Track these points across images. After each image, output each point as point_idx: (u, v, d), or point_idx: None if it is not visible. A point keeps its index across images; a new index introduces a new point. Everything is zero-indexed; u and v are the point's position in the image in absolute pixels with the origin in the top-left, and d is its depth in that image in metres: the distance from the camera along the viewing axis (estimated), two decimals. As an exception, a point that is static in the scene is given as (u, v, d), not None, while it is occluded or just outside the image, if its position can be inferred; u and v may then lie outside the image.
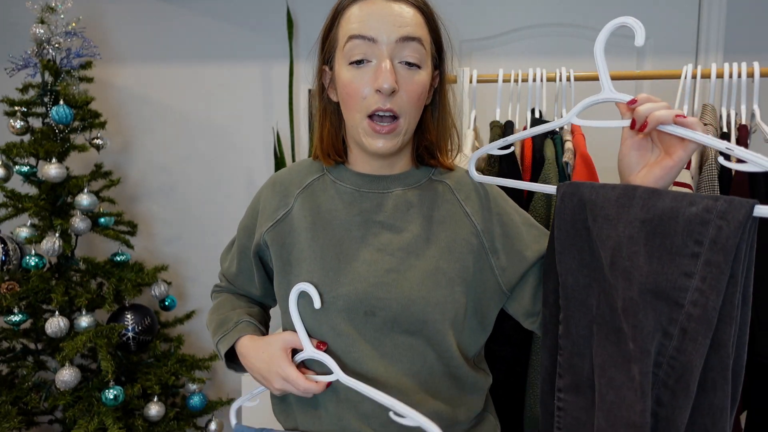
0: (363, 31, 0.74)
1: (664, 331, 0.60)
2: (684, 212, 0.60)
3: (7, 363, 1.82)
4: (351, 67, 0.76)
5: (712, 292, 0.57)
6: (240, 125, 2.16)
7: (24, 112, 1.79)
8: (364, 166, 0.85)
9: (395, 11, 0.75)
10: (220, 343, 0.89)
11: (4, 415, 1.62)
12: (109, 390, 1.62)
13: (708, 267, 0.58)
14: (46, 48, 1.78)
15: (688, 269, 0.59)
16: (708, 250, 0.58)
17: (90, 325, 1.69)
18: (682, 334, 0.59)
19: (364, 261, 0.79)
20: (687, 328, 0.58)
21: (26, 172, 1.76)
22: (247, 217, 0.93)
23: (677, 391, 0.59)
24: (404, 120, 0.77)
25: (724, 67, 1.27)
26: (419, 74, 0.77)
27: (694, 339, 0.58)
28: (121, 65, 2.20)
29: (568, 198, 0.71)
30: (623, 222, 0.64)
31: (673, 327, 0.59)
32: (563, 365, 0.70)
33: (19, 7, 2.19)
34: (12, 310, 1.66)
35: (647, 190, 0.64)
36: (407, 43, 0.75)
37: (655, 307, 0.60)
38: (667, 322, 0.59)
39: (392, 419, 0.77)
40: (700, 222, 0.59)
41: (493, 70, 1.39)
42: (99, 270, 1.83)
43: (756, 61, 1.27)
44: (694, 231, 0.59)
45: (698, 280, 0.58)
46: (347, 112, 0.79)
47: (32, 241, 1.71)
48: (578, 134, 1.34)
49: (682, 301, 0.59)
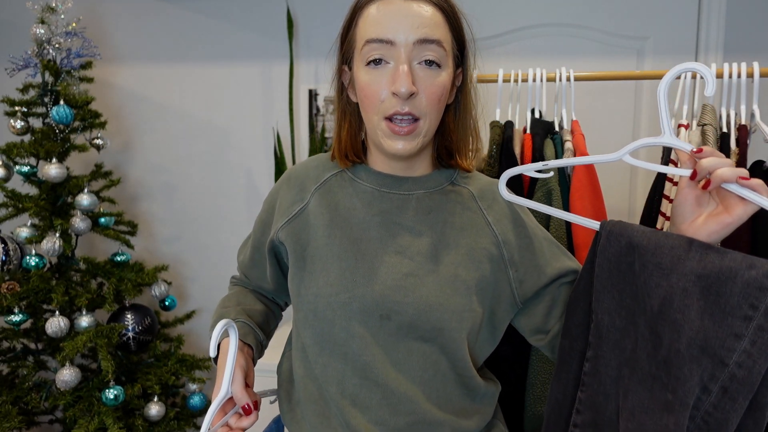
0: (380, 34, 0.73)
1: (704, 386, 0.60)
2: (743, 274, 0.60)
3: (8, 363, 1.83)
4: (368, 68, 0.75)
5: (760, 357, 0.58)
6: (240, 125, 2.16)
7: (24, 112, 1.79)
8: (383, 167, 0.84)
9: (413, 11, 0.73)
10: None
11: (4, 415, 1.62)
12: (110, 390, 1.62)
13: (760, 332, 0.58)
14: (46, 48, 1.78)
15: (739, 331, 0.59)
16: (762, 316, 0.58)
17: (90, 325, 1.69)
18: (722, 392, 0.59)
19: (383, 263, 0.78)
20: (728, 387, 0.59)
21: (26, 172, 1.76)
22: (264, 212, 0.92)
23: None
24: (424, 122, 0.75)
25: (724, 67, 1.27)
26: (439, 75, 0.75)
27: (733, 399, 0.58)
28: (122, 65, 2.20)
29: (614, 238, 0.69)
30: (677, 273, 0.63)
31: (713, 384, 0.59)
32: (584, 402, 0.70)
33: (20, 7, 2.19)
34: (12, 310, 1.66)
35: (704, 245, 0.63)
36: (425, 45, 0.73)
37: (700, 362, 0.60)
38: (708, 378, 0.60)
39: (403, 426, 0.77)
40: (758, 287, 0.59)
41: (493, 70, 1.39)
42: (99, 270, 1.83)
43: (756, 61, 1.27)
44: (750, 295, 0.59)
45: (748, 343, 0.59)
46: (365, 114, 0.78)
47: (32, 241, 1.71)
48: (578, 134, 1.34)
49: (728, 361, 0.59)
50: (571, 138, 1.34)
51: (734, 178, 0.63)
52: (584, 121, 1.51)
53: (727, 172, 0.63)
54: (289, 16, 2.02)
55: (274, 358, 1.37)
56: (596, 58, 1.89)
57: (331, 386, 0.79)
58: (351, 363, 0.77)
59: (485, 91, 1.49)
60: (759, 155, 1.25)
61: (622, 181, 1.92)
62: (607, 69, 1.81)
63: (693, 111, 1.32)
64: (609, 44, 1.89)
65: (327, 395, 0.80)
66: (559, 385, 0.74)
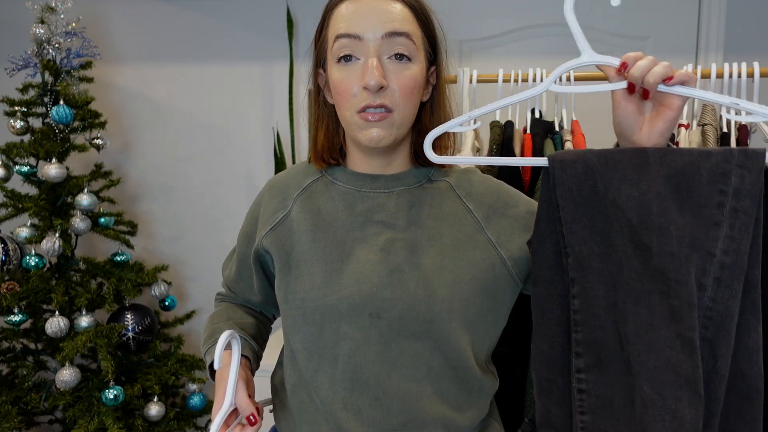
0: (349, 30, 0.74)
1: (699, 283, 0.60)
2: (705, 164, 0.61)
3: (8, 363, 1.82)
4: (339, 65, 0.76)
5: (742, 237, 0.59)
6: (240, 125, 2.16)
7: (24, 112, 1.79)
8: (362, 166, 0.84)
9: (381, 7, 0.74)
10: (207, 355, 0.90)
11: (4, 415, 1.62)
12: (109, 390, 1.62)
13: (735, 214, 0.60)
14: (46, 48, 1.78)
15: (717, 218, 0.60)
16: (732, 199, 0.60)
17: (90, 325, 1.69)
18: (717, 284, 0.59)
19: (368, 261, 0.78)
20: (721, 277, 0.59)
21: (26, 172, 1.76)
22: (247, 224, 0.92)
23: (717, 341, 0.59)
24: (397, 113, 0.76)
25: (724, 67, 1.27)
26: (410, 68, 0.76)
27: (729, 286, 0.59)
28: (121, 65, 2.20)
29: (569, 165, 0.67)
30: (646, 180, 0.63)
31: (706, 278, 0.60)
32: (583, 342, 0.67)
33: (19, 7, 2.19)
34: (12, 310, 1.66)
35: (657, 149, 0.64)
36: (394, 38, 0.74)
37: (691, 259, 0.60)
38: (700, 273, 0.60)
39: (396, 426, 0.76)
40: (721, 173, 0.60)
41: (493, 70, 1.39)
42: (99, 270, 1.83)
43: (756, 61, 1.27)
44: (717, 181, 0.60)
45: (727, 227, 0.60)
46: (340, 111, 0.79)
47: (32, 241, 1.71)
48: (578, 134, 1.34)
49: (714, 251, 0.60)
50: (571, 138, 1.34)
51: (665, 76, 0.63)
52: (584, 122, 1.51)
53: (659, 71, 0.63)
54: (289, 16, 2.02)
55: (271, 357, 1.37)
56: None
57: (322, 391, 0.78)
58: (342, 365, 0.77)
59: (486, 91, 1.49)
60: (759, 155, 1.25)
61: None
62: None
63: (693, 111, 1.32)
64: (609, 44, 1.89)
65: (318, 401, 0.80)
66: (542, 337, 0.70)
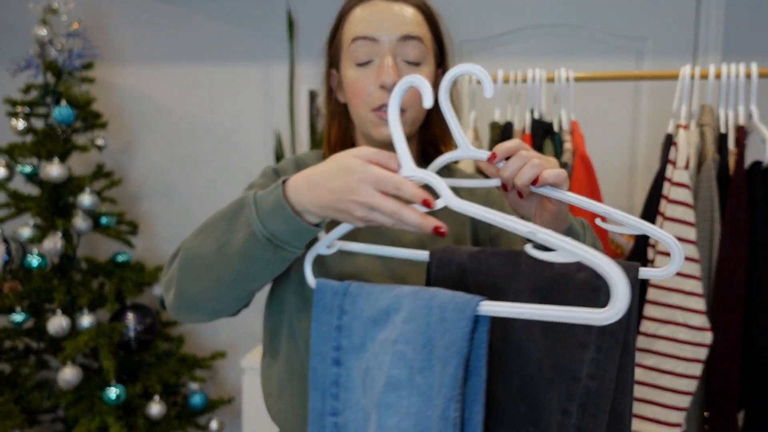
0: (365, 32, 0.77)
1: (564, 409, 0.55)
2: (573, 279, 0.56)
3: (10, 362, 1.83)
4: (356, 67, 0.79)
5: (608, 362, 0.54)
6: (240, 126, 2.17)
7: (26, 113, 1.80)
8: None
9: (395, 11, 0.78)
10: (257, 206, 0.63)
11: (6, 414, 1.63)
12: (111, 389, 1.63)
13: (602, 336, 0.54)
14: (48, 49, 1.79)
15: (584, 339, 0.55)
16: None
17: (92, 325, 1.70)
18: (582, 410, 0.54)
19: (377, 256, 0.80)
20: (586, 403, 0.54)
21: (28, 172, 1.77)
22: (268, 178, 0.83)
23: None
24: (410, 113, 0.79)
25: (722, 67, 1.28)
26: (421, 71, 0.79)
27: (594, 415, 0.54)
28: (123, 66, 2.20)
29: (445, 265, 0.64)
30: (512, 291, 0.59)
31: (571, 404, 0.55)
32: None
33: (21, 8, 2.20)
34: (14, 310, 1.67)
35: (531, 258, 0.59)
36: (408, 42, 0.77)
37: (555, 383, 0.55)
38: (565, 398, 0.55)
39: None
40: (590, 289, 0.55)
41: (492, 70, 1.40)
42: (101, 270, 1.84)
43: (754, 62, 1.27)
44: (585, 297, 0.55)
45: (593, 350, 0.54)
46: (354, 110, 0.81)
47: (34, 241, 1.72)
48: (577, 134, 1.35)
49: (580, 375, 0.54)
50: (570, 138, 1.35)
51: (533, 178, 0.59)
52: (583, 122, 1.52)
53: (526, 175, 0.59)
54: (290, 17, 2.03)
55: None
56: (595, 58, 1.90)
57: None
58: None
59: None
60: (757, 155, 1.25)
61: (621, 180, 1.92)
62: (607, 69, 1.82)
63: (691, 111, 1.33)
64: (608, 45, 1.89)
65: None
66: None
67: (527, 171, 0.59)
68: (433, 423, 0.51)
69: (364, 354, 0.60)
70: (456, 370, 0.49)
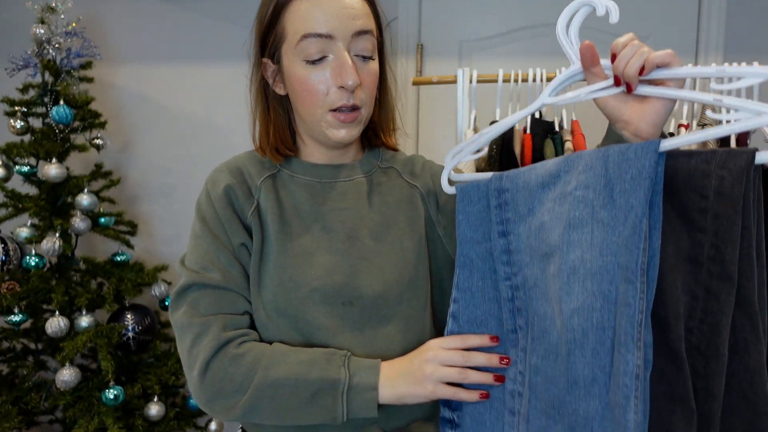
0: (317, 28, 0.73)
1: (692, 293, 0.57)
2: (683, 166, 0.58)
3: (8, 363, 1.83)
4: (307, 65, 0.76)
5: (726, 246, 0.55)
6: (240, 125, 2.16)
7: (24, 112, 1.79)
8: (320, 157, 0.85)
9: (346, 3, 0.75)
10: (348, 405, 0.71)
11: (4, 415, 1.62)
12: (110, 390, 1.62)
13: (717, 220, 0.56)
14: (46, 48, 1.78)
15: (701, 225, 0.57)
16: (714, 203, 0.56)
17: (90, 325, 1.69)
18: (707, 293, 0.56)
19: (337, 251, 0.79)
20: (709, 286, 0.56)
21: (26, 172, 1.76)
22: (212, 210, 0.80)
23: (709, 357, 0.56)
24: (364, 110, 0.79)
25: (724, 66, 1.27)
26: (373, 64, 0.79)
27: (717, 297, 0.55)
28: (122, 65, 2.20)
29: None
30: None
31: (699, 288, 0.57)
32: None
33: (20, 7, 2.19)
34: (12, 310, 1.66)
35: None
36: (362, 36, 0.76)
37: (682, 268, 0.57)
38: (694, 283, 0.57)
39: None
40: (701, 174, 0.57)
41: (493, 70, 1.39)
42: (99, 270, 1.84)
43: (755, 61, 1.27)
44: (696, 184, 0.57)
45: (711, 234, 0.56)
46: (305, 108, 0.79)
47: (32, 241, 1.71)
48: (578, 134, 1.34)
49: (702, 258, 0.56)
50: (571, 138, 1.34)
51: (641, 65, 0.61)
52: (584, 121, 1.51)
53: (635, 64, 0.61)
54: (289, 16, 2.02)
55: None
56: (596, 58, 1.89)
57: None
58: None
59: (485, 90, 1.49)
60: (759, 155, 1.25)
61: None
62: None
63: (693, 111, 1.32)
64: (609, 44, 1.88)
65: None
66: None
67: (636, 60, 0.62)
68: (619, 248, 0.55)
69: (534, 216, 0.66)
70: (645, 195, 0.54)
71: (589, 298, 0.56)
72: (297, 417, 0.72)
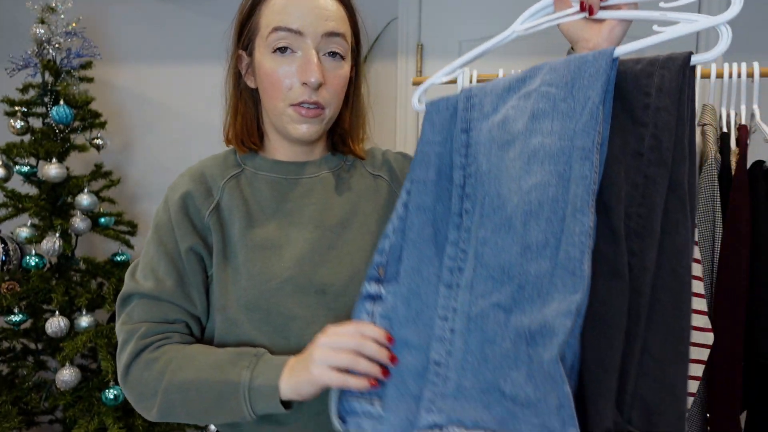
0: (289, 23, 0.75)
1: (633, 182, 0.64)
2: (631, 70, 0.66)
3: (8, 363, 1.83)
4: (274, 55, 0.76)
5: (664, 134, 0.63)
6: (240, 125, 2.17)
7: (24, 112, 1.80)
8: (284, 153, 0.85)
9: (320, 4, 0.76)
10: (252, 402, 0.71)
11: (4, 415, 1.63)
12: (109, 390, 1.62)
13: (658, 113, 0.63)
14: (46, 48, 1.78)
15: (643, 119, 0.64)
16: (656, 98, 0.64)
17: (90, 325, 1.69)
18: (645, 179, 0.63)
19: (306, 241, 0.80)
20: (648, 173, 0.63)
21: (26, 172, 1.76)
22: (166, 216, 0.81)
23: (644, 235, 0.62)
24: (329, 110, 0.79)
25: (724, 67, 1.27)
26: (343, 67, 0.79)
27: (654, 181, 0.63)
28: (122, 65, 2.20)
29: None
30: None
31: (638, 176, 0.63)
32: None
33: (20, 7, 2.19)
34: (12, 310, 1.66)
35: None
36: (332, 38, 0.76)
37: (625, 160, 0.64)
38: (635, 172, 0.64)
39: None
40: (646, 75, 0.65)
41: (493, 70, 1.39)
42: (99, 270, 1.84)
43: (756, 62, 1.27)
44: (642, 84, 0.65)
45: (651, 126, 0.64)
46: (269, 101, 0.79)
47: (32, 241, 1.71)
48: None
49: (642, 149, 0.64)
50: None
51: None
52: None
53: None
54: (289, 16, 2.02)
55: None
56: (596, 58, 1.89)
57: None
58: (294, 344, 0.77)
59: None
60: (759, 155, 1.25)
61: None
62: None
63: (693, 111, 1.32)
64: (609, 44, 1.88)
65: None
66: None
67: None
68: (576, 133, 0.64)
69: (497, 113, 0.73)
70: (602, 87, 0.63)
71: (547, 176, 0.64)
72: (210, 417, 0.74)
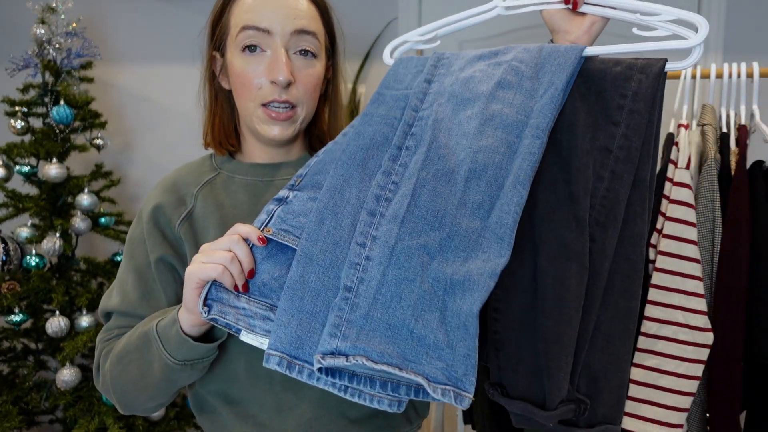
0: (257, 22, 0.74)
1: (599, 176, 0.68)
2: (611, 71, 0.70)
3: (8, 363, 1.83)
4: (243, 54, 0.76)
5: (634, 136, 0.67)
6: (240, 125, 2.17)
7: (25, 113, 1.80)
8: (261, 155, 0.84)
9: (289, 3, 0.75)
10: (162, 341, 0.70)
11: (4, 415, 1.63)
12: (110, 390, 1.62)
13: (631, 115, 0.68)
14: (46, 48, 1.78)
15: (616, 119, 0.68)
16: (631, 101, 0.68)
17: (90, 325, 1.69)
18: (612, 175, 0.68)
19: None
20: (615, 169, 0.68)
21: (27, 172, 1.76)
22: (139, 230, 0.81)
23: (607, 225, 0.67)
24: (301, 109, 0.78)
25: (724, 67, 1.27)
26: (314, 65, 0.78)
27: (620, 178, 0.67)
28: (122, 65, 2.20)
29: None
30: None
31: (604, 171, 0.68)
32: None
33: (20, 7, 2.19)
34: (13, 310, 1.66)
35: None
36: (302, 36, 0.75)
37: (592, 154, 0.69)
38: (600, 166, 0.68)
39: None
40: (624, 78, 0.69)
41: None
42: (99, 270, 1.84)
43: (755, 62, 1.27)
44: (619, 86, 0.69)
45: (624, 127, 0.68)
46: (240, 101, 0.79)
47: (33, 241, 1.71)
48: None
49: (611, 147, 0.68)
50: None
51: None
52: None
53: None
54: (289, 16, 2.02)
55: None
56: (596, 58, 1.89)
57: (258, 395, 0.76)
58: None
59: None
60: (759, 155, 1.25)
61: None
62: None
63: (693, 111, 1.32)
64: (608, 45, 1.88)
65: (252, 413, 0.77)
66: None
67: None
68: (534, 112, 0.68)
69: (464, 72, 0.76)
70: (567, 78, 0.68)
71: (497, 143, 0.68)
72: (148, 378, 0.72)
